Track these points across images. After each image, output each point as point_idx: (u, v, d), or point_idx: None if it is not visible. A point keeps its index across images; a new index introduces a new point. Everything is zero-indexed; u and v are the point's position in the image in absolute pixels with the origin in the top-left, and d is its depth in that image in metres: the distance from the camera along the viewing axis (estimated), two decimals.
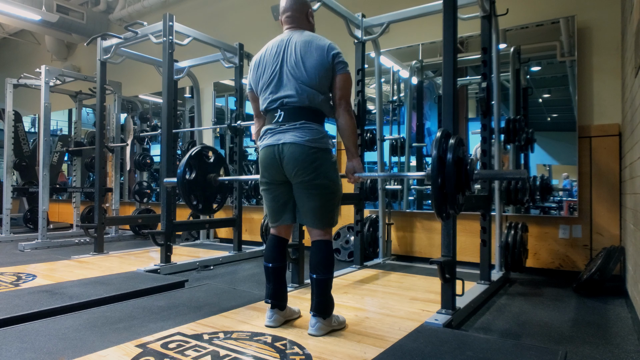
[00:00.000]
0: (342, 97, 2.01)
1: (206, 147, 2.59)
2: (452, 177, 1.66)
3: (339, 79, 2.00)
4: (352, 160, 2.08)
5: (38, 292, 2.67)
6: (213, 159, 2.56)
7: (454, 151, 1.70)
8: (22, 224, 6.75)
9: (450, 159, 1.69)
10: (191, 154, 2.42)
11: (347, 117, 2.01)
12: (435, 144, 1.73)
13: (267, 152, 1.99)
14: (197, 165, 2.49)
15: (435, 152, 1.70)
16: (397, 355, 1.74)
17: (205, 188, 2.50)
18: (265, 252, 2.15)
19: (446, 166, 1.68)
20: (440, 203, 1.69)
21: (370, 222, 4.02)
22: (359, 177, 2.09)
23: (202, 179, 2.49)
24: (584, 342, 2.01)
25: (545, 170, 3.61)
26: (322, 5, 3.09)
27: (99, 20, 6.89)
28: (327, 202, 1.99)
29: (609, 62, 3.37)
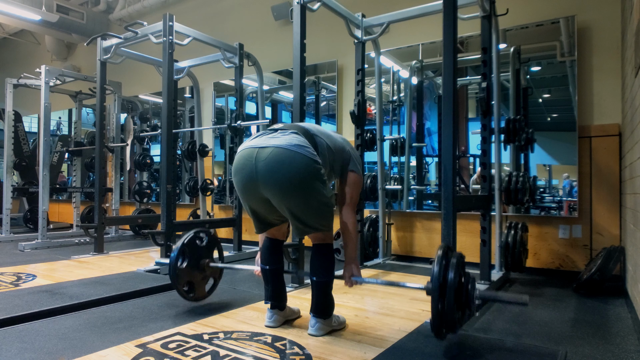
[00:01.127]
0: (352, 197, 2.03)
1: (199, 232, 2.47)
2: (453, 296, 1.64)
3: (353, 176, 2.05)
4: (351, 264, 2.04)
5: (38, 292, 2.67)
6: (206, 242, 2.48)
7: (455, 270, 1.67)
8: (22, 224, 6.75)
9: (451, 279, 1.65)
10: (184, 242, 2.36)
11: (354, 218, 2.02)
12: (438, 260, 1.70)
13: (244, 155, 1.90)
14: (190, 252, 2.39)
15: (437, 267, 1.67)
16: (397, 355, 1.74)
17: (197, 274, 2.46)
18: (260, 255, 2.13)
19: (448, 283, 1.65)
20: (439, 324, 1.68)
21: (370, 222, 4.02)
22: (356, 281, 2.05)
23: (195, 265, 2.44)
24: (584, 342, 2.01)
25: (546, 170, 3.61)
26: (322, 5, 3.09)
27: (99, 20, 6.89)
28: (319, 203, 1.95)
29: (609, 62, 3.37)
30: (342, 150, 2.05)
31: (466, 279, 1.73)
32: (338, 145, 2.05)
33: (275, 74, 5.21)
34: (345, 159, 2.05)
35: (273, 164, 1.79)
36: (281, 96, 5.36)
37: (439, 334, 1.70)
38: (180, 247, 2.32)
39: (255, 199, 1.91)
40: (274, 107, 5.37)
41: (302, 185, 1.81)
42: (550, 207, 3.54)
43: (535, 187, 3.38)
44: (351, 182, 2.04)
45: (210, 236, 2.50)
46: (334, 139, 2.05)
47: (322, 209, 1.88)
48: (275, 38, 5.16)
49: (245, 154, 1.87)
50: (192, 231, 2.43)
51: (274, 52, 5.06)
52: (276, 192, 1.82)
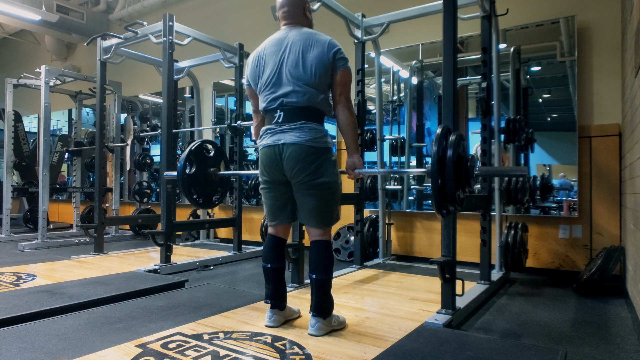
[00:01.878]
0: (342, 94, 2.00)
1: (206, 141, 2.58)
2: (453, 173, 1.65)
3: (339, 75, 1.99)
4: (352, 156, 2.07)
5: (38, 292, 2.67)
6: (213, 153, 2.54)
7: (454, 147, 1.68)
8: (22, 224, 6.75)
9: (450, 155, 1.67)
10: (191, 149, 2.40)
11: (347, 113, 2.00)
12: (436, 140, 1.72)
13: (267, 152, 1.99)
14: (197, 160, 2.47)
15: (435, 148, 1.69)
16: (397, 355, 1.74)
17: (205, 182, 2.49)
18: (263, 253, 2.14)
19: (446, 162, 1.66)
20: (440, 200, 1.68)
21: (370, 222, 4.02)
22: (359, 173, 2.09)
23: (203, 173, 2.48)
24: (584, 342, 2.01)
25: (546, 170, 3.61)
26: (322, 5, 3.09)
27: (99, 20, 6.89)
28: (327, 202, 1.98)
29: (609, 62, 3.37)
30: (329, 64, 1.96)
31: (465, 155, 1.74)
32: (319, 70, 1.95)
33: None
34: (335, 67, 1.98)
35: (296, 162, 1.91)
36: None
37: (441, 210, 1.70)
38: (187, 154, 2.35)
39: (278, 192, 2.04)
40: None
41: (322, 182, 1.93)
42: (550, 207, 3.54)
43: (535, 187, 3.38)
44: (339, 81, 2.00)
45: (216, 147, 2.54)
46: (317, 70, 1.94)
47: (334, 202, 2.01)
48: None
49: (269, 152, 1.98)
50: (199, 140, 2.49)
51: None
52: (300, 187, 1.96)
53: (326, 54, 1.95)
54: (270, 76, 2.00)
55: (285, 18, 2.10)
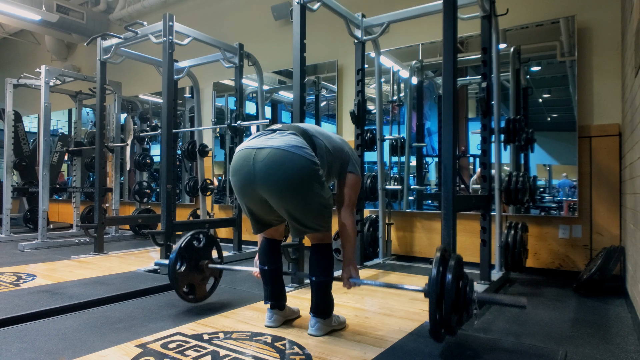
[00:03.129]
0: (351, 200, 2.03)
1: (196, 233, 2.45)
2: (451, 298, 1.64)
3: (351, 178, 2.05)
4: (349, 266, 2.05)
5: (38, 292, 2.67)
6: (203, 243, 2.44)
7: (453, 272, 1.67)
8: (22, 224, 6.75)
9: (449, 280, 1.65)
10: (181, 245, 2.33)
11: (353, 220, 2.02)
12: (436, 262, 1.70)
13: (241, 155, 1.91)
14: (188, 254, 2.37)
15: (435, 270, 1.67)
16: (397, 355, 1.74)
17: (197, 275, 2.44)
18: (258, 256, 2.13)
19: (446, 286, 1.65)
20: (436, 326, 1.68)
21: (370, 222, 4.02)
22: (355, 283, 2.06)
23: (194, 266, 2.42)
24: (584, 342, 2.01)
25: (546, 170, 3.61)
26: (322, 5, 3.09)
27: (99, 20, 6.89)
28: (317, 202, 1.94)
29: (609, 62, 3.37)
30: (340, 151, 2.04)
31: (464, 282, 1.73)
32: (337, 146, 2.04)
33: (275, 74, 5.21)
34: (344, 160, 2.05)
35: (271, 165, 1.79)
36: (281, 96, 5.36)
37: (436, 337, 1.70)
38: (178, 251, 2.31)
39: (253, 200, 1.91)
40: (274, 107, 5.37)
41: (300, 187, 1.81)
42: (550, 207, 3.54)
43: (535, 187, 3.38)
44: (350, 184, 2.04)
45: (207, 237, 2.49)
46: (332, 140, 2.04)
47: (320, 209, 1.88)
48: (275, 38, 5.15)
49: (243, 154, 1.87)
50: (189, 233, 2.42)
51: (274, 52, 5.06)
52: (274, 193, 1.82)
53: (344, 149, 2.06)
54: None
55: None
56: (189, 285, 2.40)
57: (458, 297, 1.69)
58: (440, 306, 1.65)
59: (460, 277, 1.73)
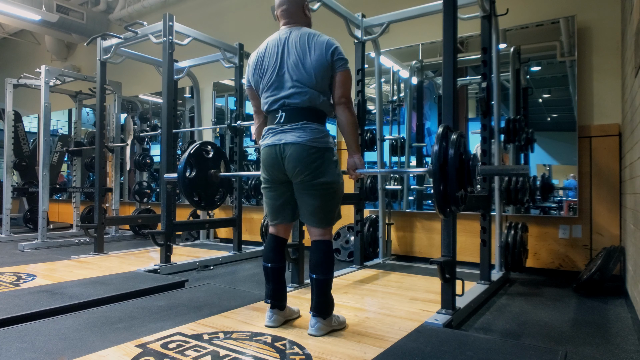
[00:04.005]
0: (342, 95, 2.01)
1: (205, 143, 2.57)
2: (454, 173, 1.64)
3: (339, 76, 1.99)
4: (353, 156, 2.08)
5: (38, 292, 2.67)
6: (212, 154, 2.53)
7: (455, 147, 1.68)
8: (22, 224, 6.75)
9: (452, 155, 1.67)
10: (190, 152, 2.39)
11: (348, 113, 2.01)
12: (437, 140, 1.71)
13: (269, 152, 1.99)
14: (197, 162, 2.46)
15: (437, 147, 1.68)
16: (397, 355, 1.74)
17: (206, 184, 2.48)
18: (264, 253, 2.15)
19: (448, 162, 1.65)
20: (442, 199, 1.67)
21: (370, 222, 4.02)
22: (360, 173, 2.10)
23: (203, 175, 2.47)
24: (584, 342, 2.01)
25: (546, 170, 3.60)
26: (322, 5, 3.09)
27: (99, 20, 6.89)
28: (328, 202, 1.99)
29: (609, 62, 3.37)
30: (329, 66, 1.96)
31: (466, 155, 1.74)
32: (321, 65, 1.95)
33: None
34: (334, 69, 1.98)
35: (296, 162, 1.92)
36: None
37: (443, 210, 1.71)
38: (187, 158, 2.34)
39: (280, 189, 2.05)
40: None
41: (323, 182, 1.94)
42: (550, 207, 3.54)
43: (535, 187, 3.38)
44: (340, 82, 2.00)
45: (216, 148, 2.53)
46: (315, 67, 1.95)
47: (335, 201, 2.01)
48: None
49: (270, 152, 1.99)
50: (198, 142, 2.48)
51: None
52: (301, 187, 1.97)
53: (325, 55, 1.96)
54: (271, 78, 2.01)
55: (284, 17, 2.11)
56: (198, 193, 2.42)
57: (462, 171, 1.69)
58: (444, 182, 1.65)
59: (462, 152, 1.73)
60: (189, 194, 2.38)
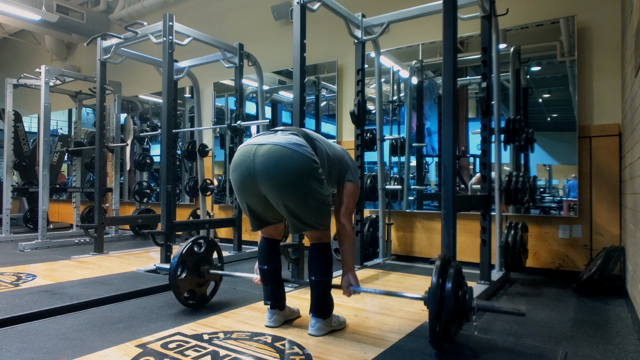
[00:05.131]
0: (349, 208, 2.06)
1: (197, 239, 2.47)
2: (451, 307, 1.65)
3: (351, 187, 2.06)
4: (348, 274, 2.06)
5: (38, 292, 2.67)
6: (204, 248, 2.45)
7: (453, 281, 1.68)
8: (22, 224, 6.75)
9: (449, 288, 1.66)
10: (182, 252, 2.33)
11: (350, 227, 2.04)
12: (436, 271, 1.71)
13: (242, 151, 1.94)
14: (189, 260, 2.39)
15: (435, 279, 1.69)
16: (397, 355, 1.74)
17: (198, 280, 2.44)
18: (258, 256, 2.14)
19: (445, 294, 1.66)
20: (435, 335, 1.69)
21: (370, 222, 4.02)
22: (354, 291, 2.07)
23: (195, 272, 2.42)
24: (584, 342, 2.01)
25: (546, 170, 3.61)
26: (322, 5, 3.09)
27: (99, 20, 6.89)
28: (315, 202, 1.95)
29: (609, 62, 3.37)
30: (340, 159, 2.07)
31: (463, 290, 1.74)
32: (337, 153, 2.07)
33: (275, 74, 5.21)
34: (343, 168, 2.07)
35: (270, 160, 1.81)
36: (281, 96, 5.36)
37: (437, 347, 1.72)
38: (179, 257, 2.31)
39: (252, 196, 1.92)
40: (274, 107, 5.37)
41: (299, 183, 1.82)
42: (550, 207, 3.54)
43: (535, 187, 3.38)
44: (348, 192, 2.05)
45: (208, 242, 2.49)
46: (333, 148, 2.07)
47: (319, 207, 1.88)
48: (275, 38, 5.15)
49: (244, 150, 1.91)
50: (190, 240, 2.42)
51: (274, 52, 5.06)
52: (273, 188, 1.84)
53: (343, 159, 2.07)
54: None
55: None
56: (189, 290, 2.40)
57: (457, 306, 1.70)
58: (439, 318, 1.66)
59: (459, 285, 1.74)
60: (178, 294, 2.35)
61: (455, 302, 1.68)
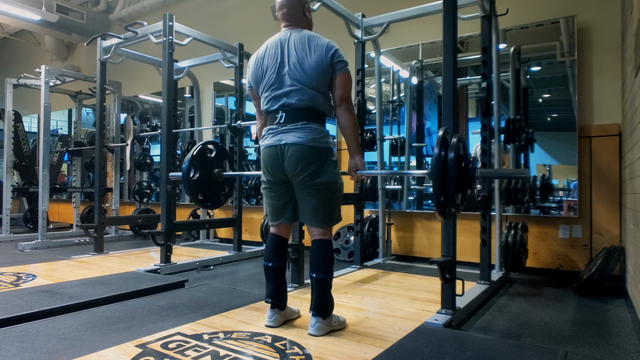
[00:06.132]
0: (342, 97, 2.01)
1: (208, 143, 2.59)
2: (454, 175, 1.66)
3: (339, 78, 2.00)
4: (354, 158, 2.09)
5: (38, 292, 2.67)
6: (215, 154, 2.55)
7: (455, 149, 1.70)
8: (22, 224, 6.75)
9: (452, 157, 1.68)
10: (193, 154, 2.40)
11: (349, 115, 2.02)
12: (437, 142, 1.73)
13: (269, 152, 2.00)
14: (201, 163, 2.47)
15: (437, 150, 1.70)
16: (397, 355, 1.74)
17: (210, 184, 2.50)
18: (265, 252, 2.15)
19: (448, 164, 1.67)
20: (441, 201, 1.69)
21: (370, 222, 4.02)
22: (361, 174, 2.11)
23: (207, 175, 2.49)
24: (584, 342, 2.01)
25: (545, 170, 3.60)
26: (322, 5, 3.09)
27: (99, 20, 6.88)
28: (328, 201, 1.99)
29: (609, 62, 3.37)
30: (328, 68, 1.98)
31: (466, 157, 1.75)
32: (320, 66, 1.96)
33: None
34: (334, 70, 2.00)
35: (297, 159, 1.92)
36: None
37: (443, 213, 1.73)
38: (190, 159, 2.36)
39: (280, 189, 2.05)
40: None
41: (323, 184, 1.95)
42: (550, 207, 3.54)
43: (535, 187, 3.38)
44: (340, 84, 2.01)
45: (218, 147, 2.55)
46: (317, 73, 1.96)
47: (335, 203, 2.01)
48: None
49: (271, 152, 2.00)
50: (200, 143, 2.51)
51: None
52: (300, 184, 1.97)
53: (324, 57, 1.97)
54: (271, 78, 2.01)
55: (285, 19, 2.11)
56: (203, 193, 2.45)
57: (461, 175, 1.71)
58: (444, 184, 1.66)
59: (462, 155, 1.75)
60: (194, 195, 2.41)
61: (459, 170, 1.69)
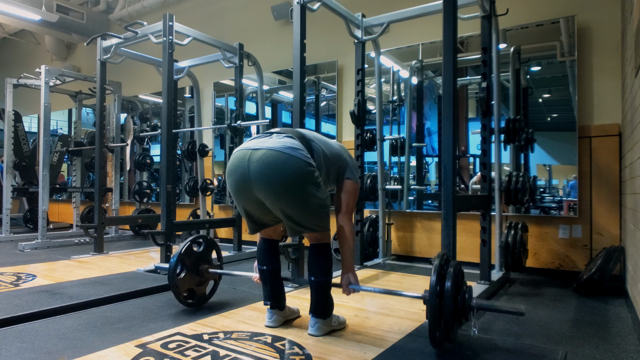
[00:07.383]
0: (350, 205, 2.03)
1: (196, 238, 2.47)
2: (450, 306, 1.65)
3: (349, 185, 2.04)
4: (348, 273, 2.05)
5: (38, 292, 2.67)
6: (203, 247, 2.45)
7: (452, 279, 1.68)
8: (22, 224, 6.75)
9: (448, 288, 1.66)
10: (180, 251, 2.33)
11: (351, 225, 2.03)
12: (434, 270, 1.71)
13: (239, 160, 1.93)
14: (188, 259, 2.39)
15: (434, 278, 1.69)
16: (397, 355, 1.74)
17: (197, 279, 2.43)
18: (257, 256, 2.13)
19: (444, 294, 1.66)
20: (435, 331, 1.69)
21: (370, 222, 4.02)
22: (354, 289, 2.06)
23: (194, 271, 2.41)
24: (584, 342, 2.01)
25: (546, 171, 3.61)
26: (322, 5, 3.09)
27: (99, 20, 6.88)
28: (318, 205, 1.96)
29: (609, 62, 3.37)
30: (338, 158, 2.04)
31: (463, 289, 1.74)
32: (335, 152, 2.03)
33: (275, 74, 5.21)
34: (341, 166, 2.04)
35: (265, 166, 1.79)
36: (281, 96, 5.36)
37: (436, 345, 1.72)
38: (178, 257, 2.31)
39: (248, 200, 1.91)
40: (274, 107, 5.37)
41: (295, 187, 1.81)
42: (550, 207, 3.54)
43: (535, 187, 3.38)
44: (348, 190, 2.04)
45: (207, 240, 2.49)
46: (330, 146, 2.04)
47: (316, 209, 1.87)
48: (275, 38, 5.15)
49: (239, 155, 1.89)
50: (189, 239, 2.42)
51: (274, 52, 5.06)
52: (269, 194, 1.82)
53: None
54: None
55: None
56: (188, 290, 2.40)
57: (457, 305, 1.70)
58: (439, 315, 1.66)
59: (459, 285, 1.73)
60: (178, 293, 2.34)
61: (454, 301, 1.67)
